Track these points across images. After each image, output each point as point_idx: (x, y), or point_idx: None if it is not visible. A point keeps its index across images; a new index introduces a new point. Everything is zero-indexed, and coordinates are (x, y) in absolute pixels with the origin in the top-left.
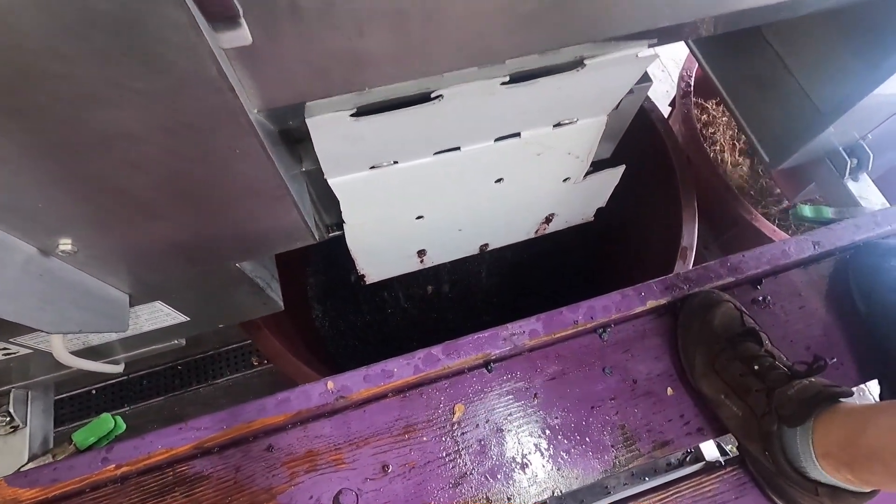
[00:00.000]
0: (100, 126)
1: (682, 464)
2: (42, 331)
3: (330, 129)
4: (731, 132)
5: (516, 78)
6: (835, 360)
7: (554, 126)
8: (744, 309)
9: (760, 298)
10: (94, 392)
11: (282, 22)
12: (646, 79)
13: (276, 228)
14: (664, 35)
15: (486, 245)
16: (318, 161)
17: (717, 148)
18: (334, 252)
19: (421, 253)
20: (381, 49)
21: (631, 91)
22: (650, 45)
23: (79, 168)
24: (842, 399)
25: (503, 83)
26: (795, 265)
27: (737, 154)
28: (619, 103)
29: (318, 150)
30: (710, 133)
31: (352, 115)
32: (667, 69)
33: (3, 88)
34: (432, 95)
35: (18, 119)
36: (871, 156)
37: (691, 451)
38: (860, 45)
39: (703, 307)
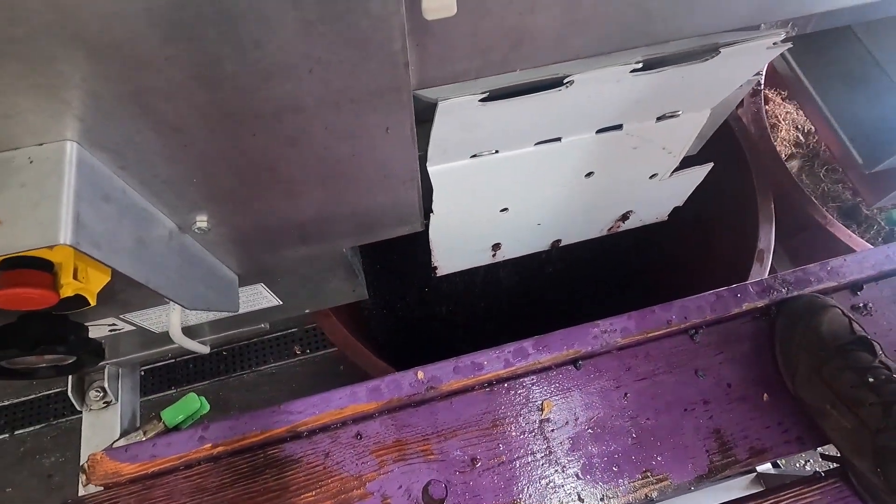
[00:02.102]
0: (275, 98)
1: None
2: (182, 306)
3: (456, 113)
4: (796, 134)
5: (649, 65)
6: None
7: (657, 119)
8: (851, 316)
9: (861, 305)
10: (142, 374)
11: None
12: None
13: (394, 212)
14: (799, 22)
15: (559, 241)
16: (422, 148)
17: (783, 149)
18: (385, 246)
19: (496, 247)
20: (547, 27)
21: (740, 85)
22: (786, 39)
23: (241, 141)
24: None
25: (633, 70)
26: None
27: (801, 157)
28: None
29: (435, 135)
30: (778, 134)
31: (480, 101)
32: None
33: (208, 59)
34: (564, 81)
35: (210, 90)
36: None
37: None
38: None
39: (808, 312)
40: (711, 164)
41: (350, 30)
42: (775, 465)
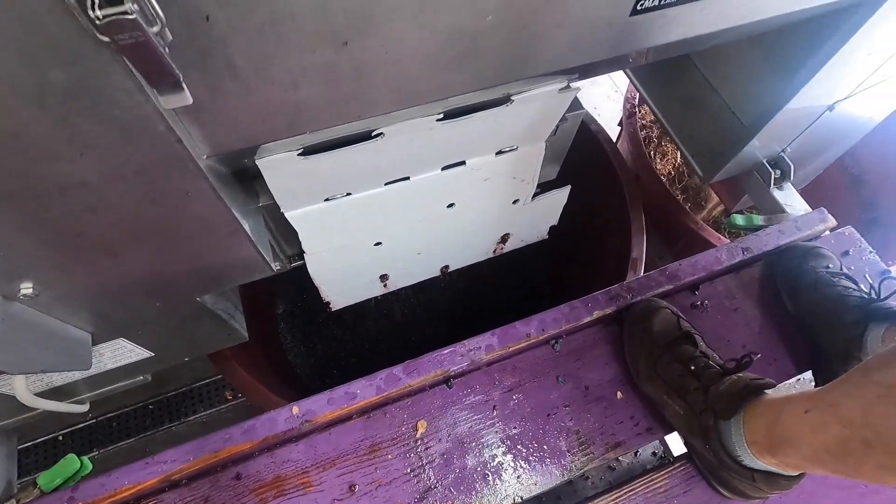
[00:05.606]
0: (56, 177)
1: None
2: (5, 372)
3: (280, 168)
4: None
5: (451, 114)
6: (759, 355)
7: (496, 154)
8: (680, 314)
9: (699, 303)
10: (60, 438)
11: (221, 80)
12: (577, 107)
13: (233, 262)
14: (584, 72)
15: (447, 267)
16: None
17: (667, 161)
18: (301, 281)
19: (384, 278)
20: (317, 98)
21: (564, 119)
22: (570, 81)
23: (37, 215)
24: (766, 391)
25: (438, 119)
26: (728, 270)
27: (684, 167)
28: (555, 130)
29: (272, 187)
30: (662, 147)
31: (299, 155)
32: (620, 90)
33: None
34: (373, 134)
35: None
36: (792, 167)
37: (660, 455)
38: (775, 63)
39: (644, 315)
40: (569, 187)
41: (107, 118)
42: None
